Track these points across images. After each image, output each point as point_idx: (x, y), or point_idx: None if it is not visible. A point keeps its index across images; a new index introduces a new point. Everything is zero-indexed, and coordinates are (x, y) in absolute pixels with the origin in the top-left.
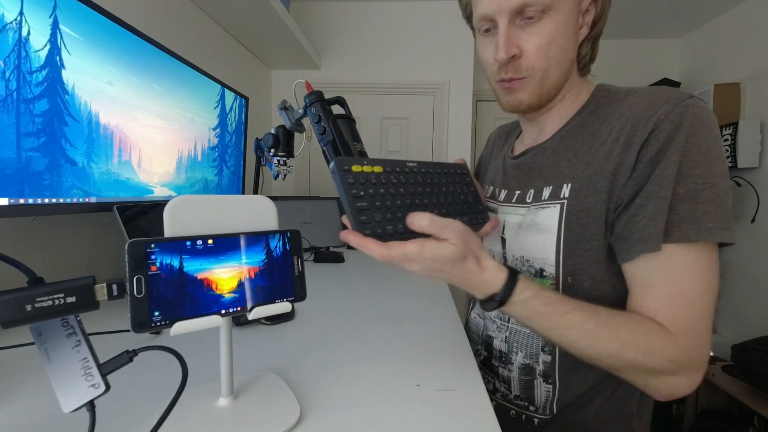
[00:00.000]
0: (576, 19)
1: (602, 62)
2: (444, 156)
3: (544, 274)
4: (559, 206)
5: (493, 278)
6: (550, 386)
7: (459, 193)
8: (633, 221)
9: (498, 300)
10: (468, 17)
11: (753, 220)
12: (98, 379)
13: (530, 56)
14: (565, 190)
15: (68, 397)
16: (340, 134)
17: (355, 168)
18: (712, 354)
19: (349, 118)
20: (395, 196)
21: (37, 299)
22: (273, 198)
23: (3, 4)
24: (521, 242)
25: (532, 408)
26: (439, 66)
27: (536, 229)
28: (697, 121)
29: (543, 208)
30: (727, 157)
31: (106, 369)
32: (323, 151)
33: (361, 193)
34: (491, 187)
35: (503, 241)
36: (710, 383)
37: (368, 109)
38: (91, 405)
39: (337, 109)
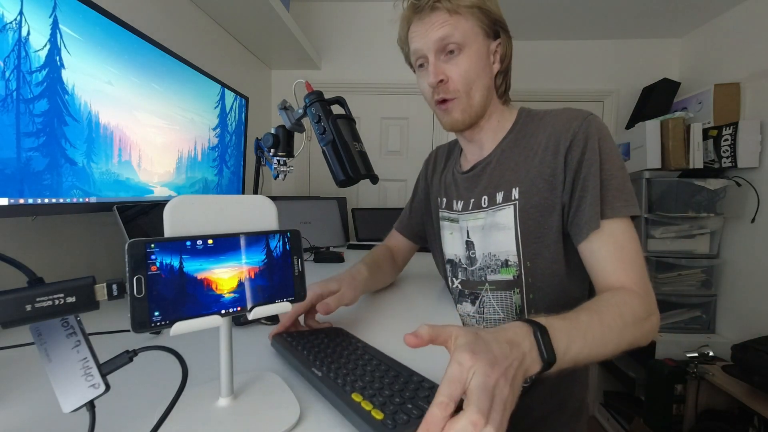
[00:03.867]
0: (486, 56)
1: (602, 62)
2: None
3: (509, 263)
4: (512, 206)
5: (517, 326)
6: None
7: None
8: (580, 210)
9: (539, 330)
10: (410, 63)
11: (753, 220)
12: (98, 379)
13: (455, 81)
14: (515, 193)
15: (68, 397)
16: (340, 134)
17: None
18: (711, 354)
19: (348, 118)
20: None
21: (37, 299)
22: (273, 198)
23: (3, 4)
24: (487, 241)
25: None
26: None
27: (497, 228)
28: (600, 130)
29: (499, 210)
30: (727, 157)
31: (106, 369)
32: (323, 151)
33: None
34: (444, 199)
35: (469, 244)
36: (710, 383)
37: (368, 109)
38: (91, 405)
39: (337, 109)
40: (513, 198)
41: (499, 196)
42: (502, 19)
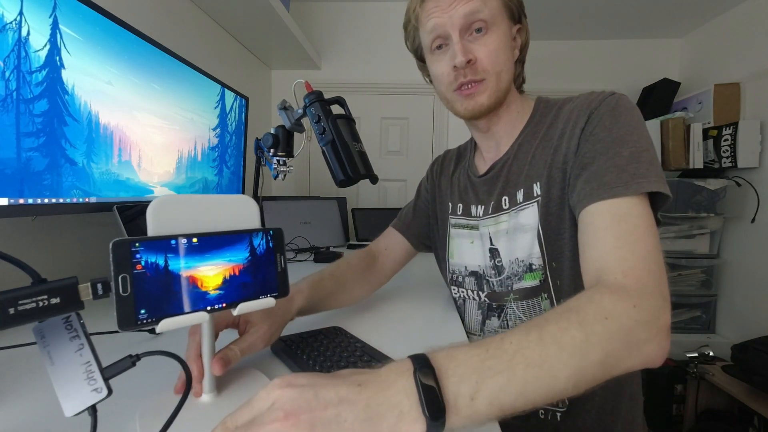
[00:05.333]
0: (510, 40)
1: (602, 62)
2: None
3: (533, 267)
4: (535, 204)
5: (395, 363)
6: None
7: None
8: (575, 187)
9: (420, 366)
10: (415, 49)
11: (753, 220)
12: (101, 383)
13: (483, 61)
14: (537, 189)
15: (70, 400)
16: (340, 134)
17: None
18: (712, 354)
19: (348, 118)
20: None
21: (20, 302)
22: (273, 198)
23: (3, 4)
24: (513, 246)
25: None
26: None
27: (522, 230)
28: (619, 105)
29: (522, 209)
30: (727, 157)
31: (108, 373)
32: (323, 151)
33: None
34: (460, 204)
35: (494, 251)
36: (710, 383)
37: (368, 109)
38: (93, 409)
39: (336, 109)
40: (535, 195)
41: (520, 195)
42: (523, 5)
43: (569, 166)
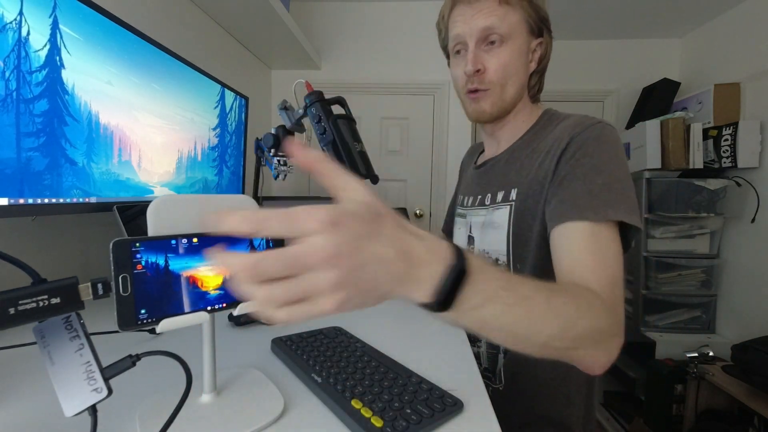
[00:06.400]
0: (526, 53)
1: (602, 62)
2: (444, 156)
3: (499, 262)
4: (509, 207)
5: (437, 243)
6: (504, 357)
7: None
8: (550, 205)
9: (457, 269)
10: (444, 46)
11: (753, 220)
12: (101, 383)
13: (491, 72)
14: (513, 194)
15: (71, 400)
16: (340, 134)
17: None
18: (712, 354)
19: (349, 118)
20: None
21: (20, 302)
22: (273, 198)
23: (3, 4)
24: (484, 239)
25: (493, 378)
26: (439, 66)
27: (493, 227)
28: (603, 136)
29: (498, 209)
30: (727, 157)
31: (108, 373)
32: (324, 151)
33: None
34: (462, 197)
35: (471, 239)
36: (710, 383)
37: (368, 109)
38: (93, 409)
39: (337, 109)
40: (510, 199)
41: (500, 196)
42: (548, 18)
43: (547, 182)
